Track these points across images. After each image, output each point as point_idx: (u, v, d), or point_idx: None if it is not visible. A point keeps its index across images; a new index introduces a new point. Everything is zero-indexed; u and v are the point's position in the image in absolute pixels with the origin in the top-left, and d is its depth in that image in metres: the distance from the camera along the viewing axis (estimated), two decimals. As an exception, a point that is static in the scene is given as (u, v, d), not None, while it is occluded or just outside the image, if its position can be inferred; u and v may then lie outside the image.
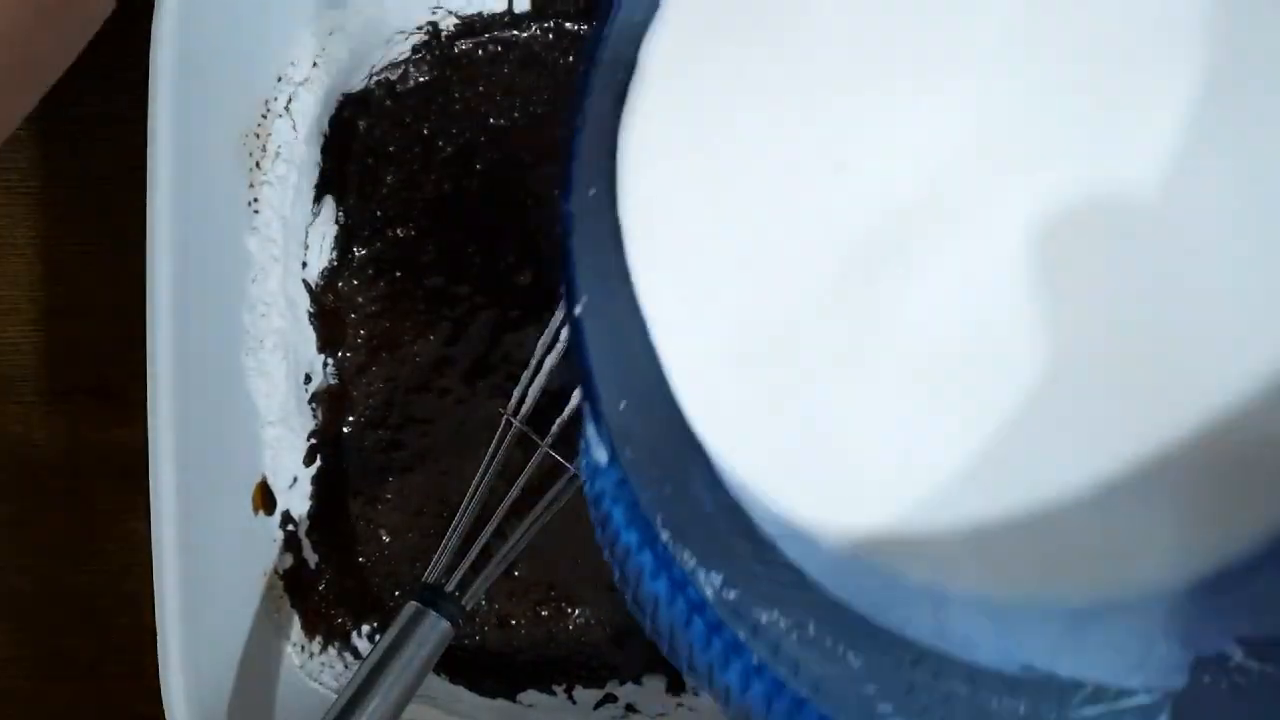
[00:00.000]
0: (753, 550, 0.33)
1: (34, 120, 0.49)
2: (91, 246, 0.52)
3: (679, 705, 0.48)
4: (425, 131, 0.50)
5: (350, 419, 0.50)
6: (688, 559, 0.30)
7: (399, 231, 0.50)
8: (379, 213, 0.50)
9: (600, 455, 0.30)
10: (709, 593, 0.30)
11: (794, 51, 0.34)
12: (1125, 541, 0.34)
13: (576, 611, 0.49)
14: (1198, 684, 0.31)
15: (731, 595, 0.30)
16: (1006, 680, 0.32)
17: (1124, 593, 0.33)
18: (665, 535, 0.30)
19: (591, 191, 0.32)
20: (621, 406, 0.31)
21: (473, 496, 0.45)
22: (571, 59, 0.49)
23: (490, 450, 0.46)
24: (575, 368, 0.29)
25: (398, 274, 0.50)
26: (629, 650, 0.49)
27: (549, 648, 0.50)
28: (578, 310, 0.29)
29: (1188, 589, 0.33)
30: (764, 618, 0.30)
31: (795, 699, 0.28)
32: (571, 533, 0.49)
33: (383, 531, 0.50)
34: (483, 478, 0.45)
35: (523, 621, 0.50)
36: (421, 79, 0.50)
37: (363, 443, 0.50)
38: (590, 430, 0.30)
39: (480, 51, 0.50)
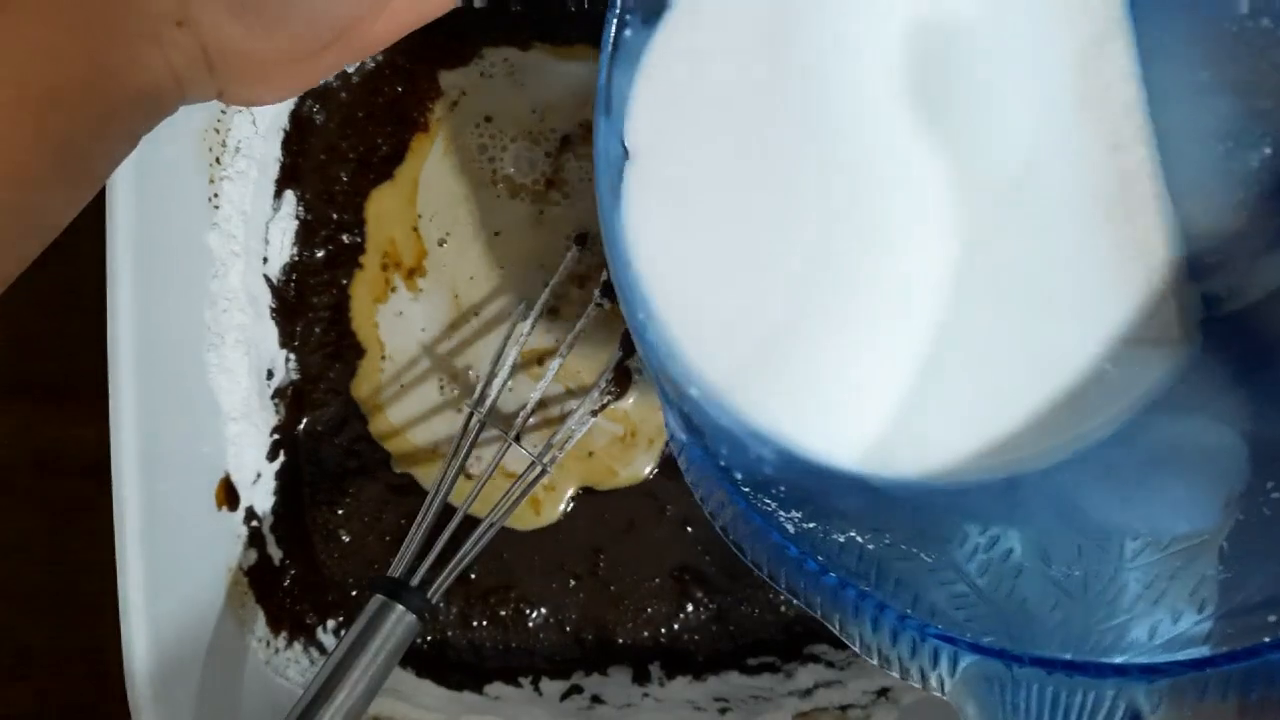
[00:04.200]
0: (820, 487, 0.38)
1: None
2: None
3: (645, 695, 0.49)
4: (369, 128, 0.50)
5: (307, 419, 0.50)
6: (767, 504, 0.36)
7: (345, 238, 0.50)
8: (334, 215, 0.50)
9: (680, 434, 0.36)
10: (790, 528, 0.35)
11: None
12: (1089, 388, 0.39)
13: (534, 612, 0.50)
14: (1236, 522, 0.35)
15: (810, 526, 0.36)
16: (1070, 552, 0.36)
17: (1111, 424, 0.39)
18: (747, 489, 0.36)
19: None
20: (693, 393, 0.37)
21: (437, 490, 0.45)
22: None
23: (455, 444, 0.46)
24: (647, 367, 0.36)
25: (344, 283, 0.50)
26: (590, 645, 0.50)
27: (511, 645, 0.50)
28: (640, 317, 0.36)
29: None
30: (842, 538, 0.36)
31: (878, 604, 0.33)
32: (528, 536, 0.49)
33: (345, 529, 0.50)
34: (446, 471, 0.45)
35: (483, 622, 0.50)
36: (369, 65, 0.50)
37: (320, 443, 0.50)
38: (668, 416, 0.36)
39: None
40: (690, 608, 0.49)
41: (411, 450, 0.50)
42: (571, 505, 0.49)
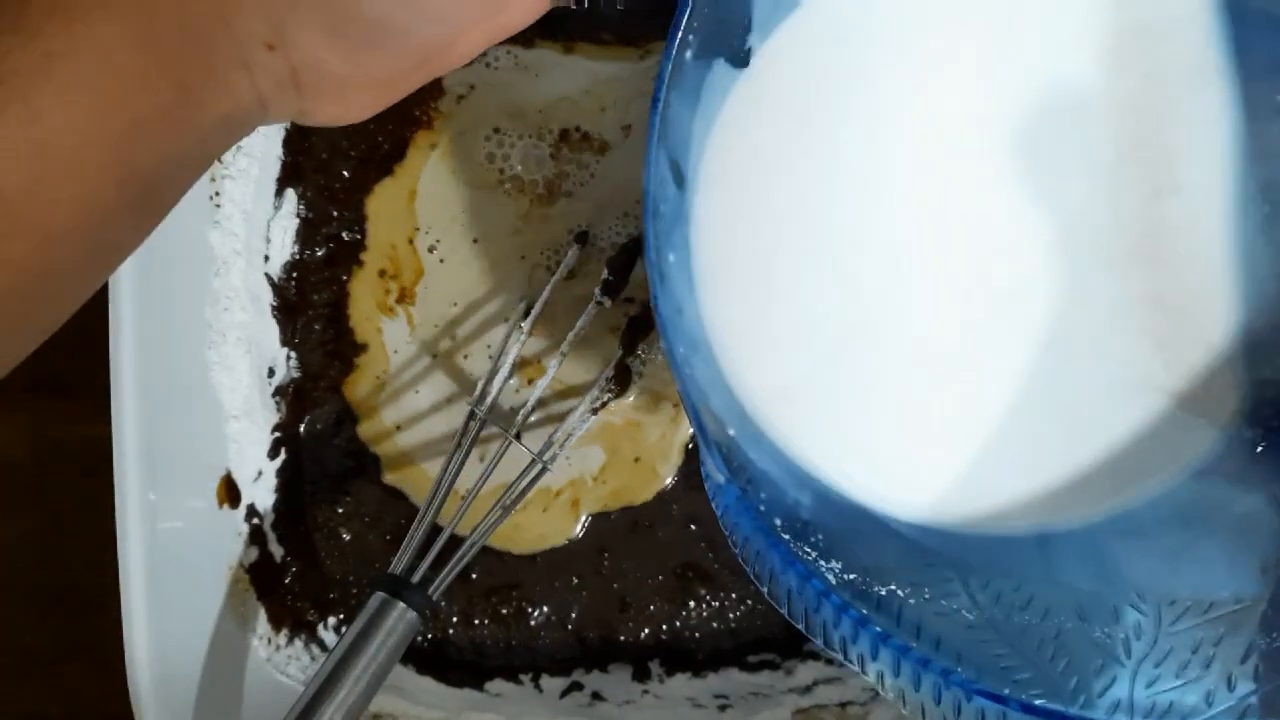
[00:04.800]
0: (855, 538, 0.38)
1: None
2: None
3: (645, 693, 0.49)
4: (370, 126, 0.50)
5: (308, 418, 0.50)
6: (808, 552, 0.35)
7: (345, 236, 0.50)
8: (335, 213, 0.50)
9: (719, 476, 0.34)
10: (831, 579, 0.34)
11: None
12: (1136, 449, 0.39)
13: (536, 611, 0.50)
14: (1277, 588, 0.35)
15: (851, 577, 0.35)
16: (1107, 613, 0.36)
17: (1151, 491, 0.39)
18: (786, 536, 0.35)
19: (671, 258, 0.36)
20: (732, 433, 0.36)
21: (437, 488, 0.45)
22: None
23: (455, 442, 0.46)
24: (686, 406, 0.34)
25: (343, 279, 0.50)
26: (591, 643, 0.50)
27: (512, 643, 0.50)
28: (681, 351, 0.34)
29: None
30: (883, 591, 0.35)
31: (921, 659, 0.32)
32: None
33: (346, 527, 0.50)
34: (446, 469, 0.45)
35: (485, 621, 0.50)
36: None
37: (321, 441, 0.50)
38: (706, 458, 0.34)
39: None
40: (692, 605, 0.49)
41: (398, 454, 0.50)
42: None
